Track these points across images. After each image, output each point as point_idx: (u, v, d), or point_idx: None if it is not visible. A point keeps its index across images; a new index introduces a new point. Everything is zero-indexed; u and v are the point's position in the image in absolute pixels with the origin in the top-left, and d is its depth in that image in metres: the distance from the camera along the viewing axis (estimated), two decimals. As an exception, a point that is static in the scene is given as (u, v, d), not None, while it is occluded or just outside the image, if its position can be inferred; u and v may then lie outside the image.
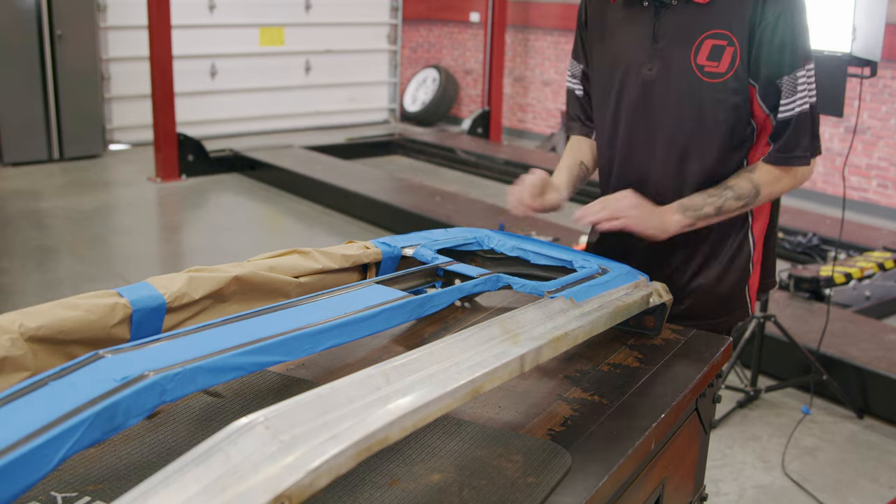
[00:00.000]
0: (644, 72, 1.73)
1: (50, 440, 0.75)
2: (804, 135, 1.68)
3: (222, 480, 0.71)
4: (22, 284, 4.72)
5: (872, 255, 4.94)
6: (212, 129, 8.63)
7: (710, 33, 1.66)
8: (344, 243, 1.55)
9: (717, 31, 1.65)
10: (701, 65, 1.67)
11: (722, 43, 1.65)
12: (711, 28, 1.66)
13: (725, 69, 1.66)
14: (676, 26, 1.69)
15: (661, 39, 1.71)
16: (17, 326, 1.01)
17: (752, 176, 1.70)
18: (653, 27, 1.71)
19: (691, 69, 1.68)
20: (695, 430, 1.50)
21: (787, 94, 1.65)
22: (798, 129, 1.67)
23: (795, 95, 1.65)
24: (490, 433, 1.14)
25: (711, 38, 1.66)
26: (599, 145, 1.89)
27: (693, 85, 1.68)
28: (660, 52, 1.71)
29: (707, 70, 1.67)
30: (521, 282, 1.42)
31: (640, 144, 1.78)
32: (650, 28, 1.71)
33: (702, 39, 1.67)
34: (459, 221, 5.35)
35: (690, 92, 1.69)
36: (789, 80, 1.65)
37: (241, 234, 5.93)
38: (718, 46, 1.66)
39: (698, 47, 1.67)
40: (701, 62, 1.67)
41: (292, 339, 1.03)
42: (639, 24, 1.73)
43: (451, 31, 10.44)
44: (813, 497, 2.88)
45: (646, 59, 1.72)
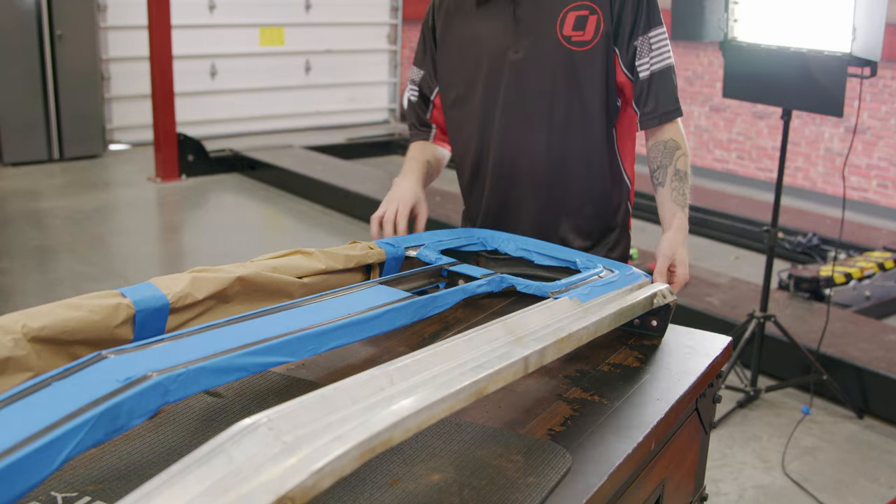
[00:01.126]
0: (511, 55, 1.78)
1: (53, 441, 0.75)
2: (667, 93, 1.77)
3: (225, 482, 0.71)
4: (22, 284, 4.72)
5: (872, 255, 4.95)
6: (212, 129, 8.63)
7: (572, 6, 1.73)
8: (347, 244, 1.55)
9: (578, 3, 1.73)
10: (567, 35, 1.74)
11: (584, 13, 1.73)
12: (572, 1, 1.73)
13: (591, 36, 1.74)
14: (536, 6, 1.76)
15: (522, 22, 1.77)
16: (21, 327, 1.01)
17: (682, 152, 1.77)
18: (513, 13, 1.77)
19: (558, 41, 1.74)
20: (695, 430, 1.50)
21: (643, 54, 1.74)
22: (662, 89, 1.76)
23: (652, 54, 1.75)
24: (490, 433, 1.14)
25: (574, 10, 1.74)
26: (463, 141, 1.92)
27: (563, 57, 1.75)
28: (524, 34, 1.77)
29: (574, 39, 1.74)
30: (525, 282, 1.42)
31: (516, 127, 1.81)
32: (510, 14, 1.77)
33: (565, 12, 1.74)
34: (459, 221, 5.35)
35: (562, 64, 1.75)
36: (644, 40, 1.74)
37: (241, 234, 5.93)
38: (582, 16, 1.73)
39: (563, 20, 1.74)
40: (567, 33, 1.74)
41: (296, 340, 1.03)
42: (496, 14, 1.80)
43: (451, 31, 10.43)
44: (813, 497, 2.89)
45: (511, 42, 1.78)
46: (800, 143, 7.22)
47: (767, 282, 3.55)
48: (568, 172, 1.82)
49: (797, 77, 3.20)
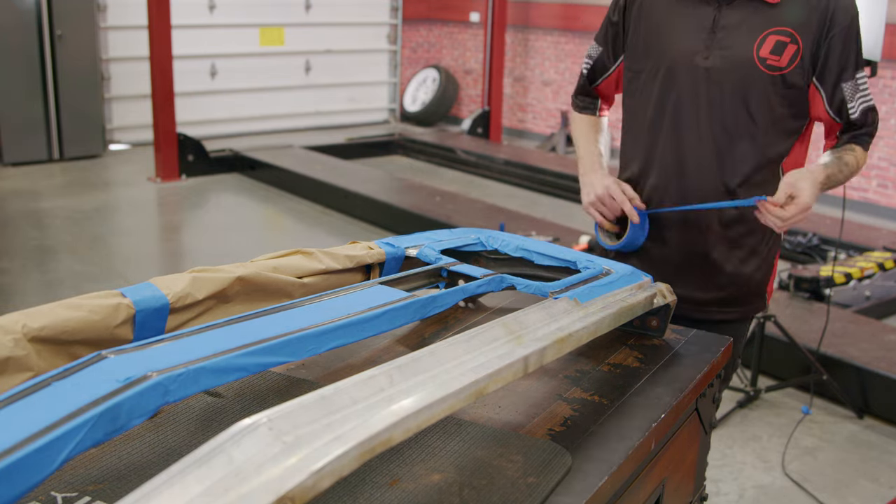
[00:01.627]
0: (699, 60, 1.81)
1: (53, 441, 0.75)
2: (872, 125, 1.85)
3: (225, 482, 0.71)
4: (22, 284, 4.72)
5: (872, 255, 4.95)
6: (212, 129, 8.64)
7: (774, 30, 1.76)
8: (347, 244, 1.55)
9: (781, 29, 1.76)
10: (763, 57, 1.77)
11: (785, 40, 1.76)
12: (776, 25, 1.76)
13: (786, 63, 1.77)
14: (739, 20, 1.79)
15: (721, 31, 1.80)
16: (21, 327, 1.01)
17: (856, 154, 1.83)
18: (713, 20, 1.80)
19: (752, 60, 1.77)
20: (695, 430, 1.50)
21: (851, 96, 1.80)
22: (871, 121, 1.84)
23: (858, 95, 1.81)
24: (490, 433, 1.14)
25: (775, 35, 1.77)
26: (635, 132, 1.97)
27: (752, 75, 1.78)
28: (718, 43, 1.80)
29: (769, 63, 1.77)
30: (525, 282, 1.42)
31: (686, 130, 1.85)
32: (710, 21, 1.81)
33: (766, 35, 1.77)
34: (459, 221, 5.35)
35: (748, 81, 1.78)
36: (852, 84, 1.80)
37: (241, 234, 5.93)
38: (782, 42, 1.77)
39: (762, 41, 1.77)
40: (763, 55, 1.77)
41: (296, 340, 1.03)
42: (696, 16, 1.82)
43: (451, 31, 10.44)
44: (813, 497, 2.89)
45: (701, 48, 1.81)
46: (800, 143, 7.22)
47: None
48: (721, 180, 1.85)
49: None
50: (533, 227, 5.31)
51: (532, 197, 7.04)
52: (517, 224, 5.32)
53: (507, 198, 6.90)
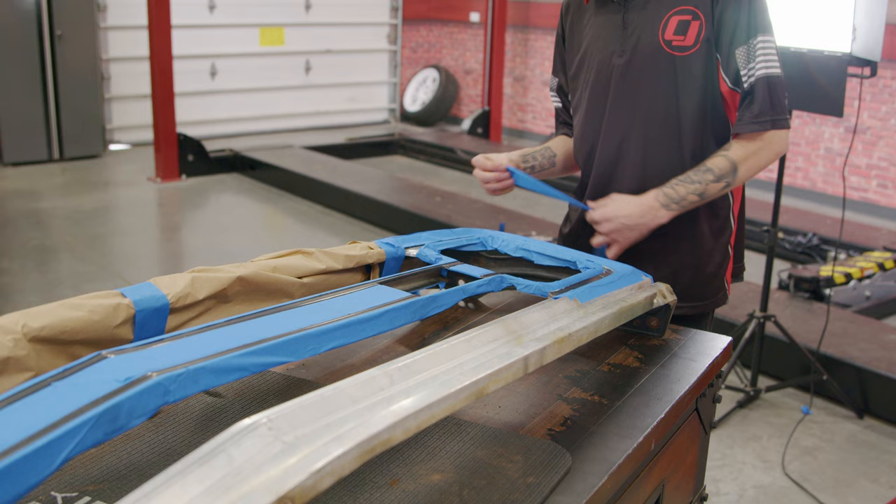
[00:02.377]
0: (615, 59, 1.80)
1: (53, 441, 0.75)
2: (767, 101, 1.70)
3: (225, 481, 0.71)
4: (22, 284, 4.72)
5: (872, 255, 4.95)
6: (212, 129, 8.64)
7: (675, 10, 1.73)
8: (347, 244, 1.55)
9: (681, 8, 1.72)
10: (668, 40, 1.74)
11: (687, 18, 1.72)
12: (676, 5, 1.73)
13: (692, 41, 1.72)
14: (644, 11, 1.77)
15: (629, 26, 1.79)
16: (21, 327, 1.02)
17: (727, 154, 1.72)
18: (622, 18, 1.79)
19: (659, 45, 1.74)
20: (695, 430, 1.50)
21: (744, 63, 1.70)
22: (761, 95, 1.69)
23: (754, 62, 1.69)
24: (490, 433, 1.14)
25: (677, 15, 1.73)
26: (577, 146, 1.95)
27: (662, 61, 1.75)
28: (629, 38, 1.78)
29: (675, 44, 1.73)
30: (525, 282, 1.42)
31: (616, 130, 1.83)
32: (620, 19, 1.79)
33: (668, 17, 1.74)
34: (459, 221, 5.35)
35: (661, 68, 1.75)
36: (744, 49, 1.69)
37: (241, 234, 5.93)
38: (684, 21, 1.72)
39: (665, 24, 1.74)
40: (668, 37, 1.74)
41: (296, 340, 1.03)
42: (609, 18, 1.82)
43: (451, 31, 10.44)
44: (813, 497, 2.89)
45: (617, 47, 1.80)
46: (800, 143, 7.22)
47: (767, 282, 3.55)
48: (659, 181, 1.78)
49: (797, 77, 3.20)
50: (533, 227, 5.31)
51: (532, 197, 7.04)
52: (517, 224, 5.33)
53: (507, 198, 6.90)
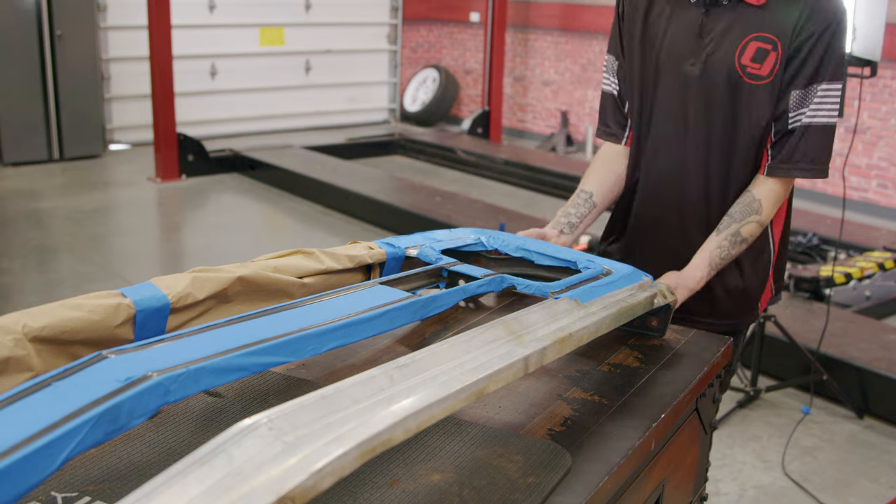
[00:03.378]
0: (686, 67, 1.72)
1: (53, 441, 0.75)
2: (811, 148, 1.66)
3: (225, 482, 0.71)
4: (22, 284, 4.72)
5: (872, 255, 4.95)
6: (212, 129, 8.63)
7: (756, 35, 1.65)
8: (348, 244, 1.55)
9: (763, 35, 1.65)
10: (744, 65, 1.67)
11: (767, 47, 1.65)
12: (759, 30, 1.65)
13: (767, 73, 1.66)
14: (724, 25, 1.68)
15: (706, 36, 1.70)
16: (21, 327, 1.02)
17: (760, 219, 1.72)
18: (700, 24, 1.70)
19: (734, 67, 1.67)
20: (695, 430, 1.50)
21: (795, 106, 1.65)
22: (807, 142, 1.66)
23: (805, 108, 1.65)
24: (490, 433, 1.14)
25: (757, 41, 1.65)
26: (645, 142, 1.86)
27: (734, 83, 1.68)
28: (704, 49, 1.70)
29: (749, 71, 1.66)
30: (526, 282, 1.42)
31: (669, 141, 1.78)
32: (697, 25, 1.71)
33: (748, 40, 1.66)
34: (460, 221, 5.35)
35: (730, 90, 1.69)
36: (801, 93, 1.65)
37: (241, 234, 5.93)
38: (763, 50, 1.65)
39: (744, 47, 1.67)
40: (745, 62, 1.67)
41: (296, 340, 1.03)
42: (685, 19, 1.72)
43: (451, 31, 10.44)
44: (813, 497, 2.89)
45: (689, 54, 1.72)
46: (800, 143, 7.22)
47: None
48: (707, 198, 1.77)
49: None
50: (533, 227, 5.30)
51: (532, 197, 7.05)
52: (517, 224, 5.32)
53: (507, 198, 6.91)
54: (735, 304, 1.85)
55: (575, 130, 9.08)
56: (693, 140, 1.76)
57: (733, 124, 1.71)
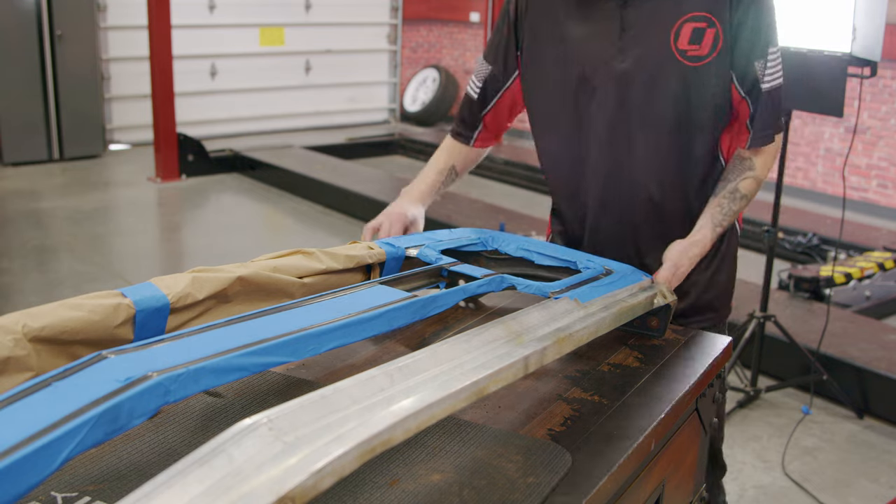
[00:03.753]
0: (616, 65, 1.64)
1: (53, 441, 0.75)
2: (775, 112, 1.68)
3: (225, 482, 0.71)
4: (22, 284, 4.72)
5: (872, 255, 4.95)
6: (212, 129, 8.63)
7: (688, 16, 1.60)
8: (348, 243, 1.55)
9: (696, 14, 1.60)
10: (682, 49, 1.61)
11: (702, 25, 1.60)
12: (690, 11, 1.60)
13: (708, 51, 1.61)
14: (649, 15, 1.62)
15: (631, 28, 1.63)
16: (21, 327, 1.01)
17: (755, 175, 1.68)
18: (620, 19, 1.63)
19: (672, 55, 1.61)
20: (695, 430, 1.50)
21: (762, 75, 1.64)
22: (771, 107, 1.66)
23: (766, 74, 1.64)
24: (490, 433, 1.14)
25: (691, 22, 1.60)
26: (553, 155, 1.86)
27: (676, 71, 1.62)
28: (632, 43, 1.63)
29: (690, 54, 1.61)
30: (525, 282, 1.42)
31: (617, 141, 1.70)
32: (617, 21, 1.64)
33: (681, 23, 1.61)
34: (459, 221, 5.35)
35: (674, 79, 1.63)
36: (762, 61, 1.63)
37: (241, 234, 5.93)
38: (699, 29, 1.60)
39: (678, 32, 1.61)
40: (682, 46, 1.61)
41: (296, 340, 1.03)
42: (600, 18, 1.65)
43: (451, 31, 10.44)
44: (813, 497, 2.89)
45: (615, 52, 1.64)
46: (800, 143, 7.22)
47: (767, 282, 3.55)
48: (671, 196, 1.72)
49: (797, 77, 3.20)
50: (533, 227, 5.31)
51: (532, 197, 7.04)
52: (517, 224, 5.32)
53: (507, 198, 6.91)
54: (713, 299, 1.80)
55: (575, 130, 9.09)
56: (644, 135, 1.68)
57: (683, 114, 1.65)
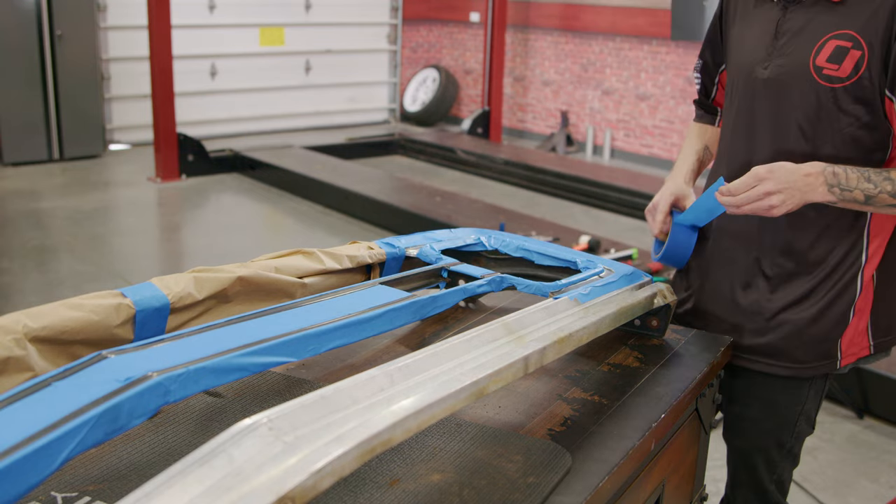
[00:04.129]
0: (758, 70, 1.59)
1: (53, 441, 0.75)
2: None
3: (226, 482, 0.71)
4: (22, 284, 4.72)
5: (872, 255, 4.94)
6: (212, 129, 8.63)
7: (835, 34, 1.49)
8: (348, 244, 1.55)
9: (843, 32, 1.48)
10: (819, 66, 1.51)
11: (847, 45, 1.48)
12: (838, 28, 1.49)
13: (848, 74, 1.48)
14: (802, 24, 1.54)
15: (782, 37, 1.57)
16: (21, 327, 1.02)
17: None
18: (776, 24, 1.57)
19: (807, 70, 1.52)
20: (695, 430, 1.50)
21: None
22: None
23: None
24: (490, 433, 1.14)
25: (836, 39, 1.49)
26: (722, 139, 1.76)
27: (806, 88, 1.52)
28: (779, 51, 1.57)
29: (825, 73, 1.50)
30: (526, 282, 1.43)
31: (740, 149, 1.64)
32: (773, 24, 1.58)
33: (826, 39, 1.50)
34: (460, 221, 5.35)
35: (804, 96, 1.53)
36: None
37: (241, 235, 5.93)
38: (842, 48, 1.49)
39: (821, 47, 1.51)
40: (820, 63, 1.51)
41: (296, 340, 1.03)
42: (764, 20, 1.60)
43: (451, 31, 10.44)
44: (813, 497, 2.89)
45: (763, 56, 1.59)
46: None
47: (767, 282, 3.55)
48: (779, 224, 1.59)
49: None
50: (533, 227, 5.31)
51: (532, 197, 7.04)
52: (517, 224, 5.32)
53: (507, 198, 6.91)
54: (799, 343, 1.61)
55: (575, 130, 9.08)
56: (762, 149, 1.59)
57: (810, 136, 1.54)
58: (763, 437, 1.68)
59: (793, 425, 1.67)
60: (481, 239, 1.69)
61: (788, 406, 1.66)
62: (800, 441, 1.70)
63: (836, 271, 1.59)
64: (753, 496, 1.73)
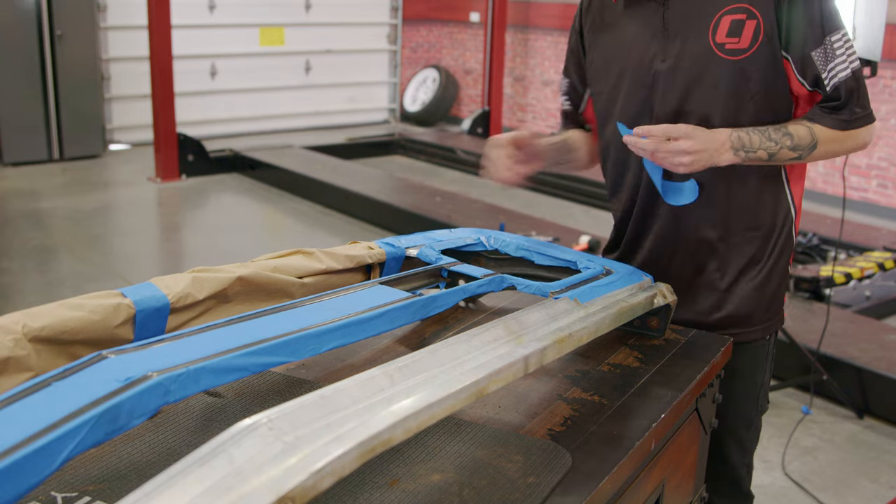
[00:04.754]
0: (657, 64, 1.62)
1: (53, 441, 0.75)
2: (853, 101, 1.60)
3: (226, 482, 0.72)
4: (22, 284, 4.72)
5: (872, 255, 4.94)
6: (212, 129, 8.64)
7: (727, 9, 1.56)
8: (348, 244, 1.55)
9: (734, 6, 1.56)
10: (720, 42, 1.57)
11: (741, 17, 1.55)
12: (728, 4, 1.56)
13: (748, 44, 1.56)
14: (689, 11, 1.60)
15: (671, 26, 1.61)
16: (21, 327, 1.02)
17: (811, 127, 1.59)
18: (662, 15, 1.61)
19: (710, 49, 1.57)
20: (695, 430, 1.50)
21: (823, 65, 1.56)
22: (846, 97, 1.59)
23: (833, 63, 1.56)
24: (490, 433, 1.14)
25: (729, 14, 1.56)
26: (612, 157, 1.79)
27: (714, 66, 1.58)
28: (672, 39, 1.61)
29: (728, 47, 1.56)
30: (525, 282, 1.43)
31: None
32: (659, 16, 1.62)
33: (719, 17, 1.57)
34: (459, 221, 5.35)
35: (713, 73, 1.58)
36: (821, 50, 1.55)
37: (241, 235, 5.93)
38: (738, 21, 1.56)
39: (716, 26, 1.57)
40: (720, 40, 1.57)
41: (296, 340, 1.03)
42: (644, 18, 1.64)
43: (451, 31, 10.44)
44: (813, 497, 2.89)
45: (658, 51, 1.63)
46: (800, 143, 7.22)
47: (767, 282, 3.55)
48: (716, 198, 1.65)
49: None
50: (533, 227, 5.31)
51: (532, 197, 7.04)
52: (517, 224, 5.32)
53: (507, 198, 6.90)
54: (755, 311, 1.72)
55: (575, 130, 9.08)
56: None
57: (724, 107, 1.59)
58: (732, 417, 1.74)
59: (755, 399, 1.77)
60: (481, 239, 1.69)
61: (750, 377, 1.75)
62: (760, 418, 1.80)
63: (774, 231, 1.71)
64: (729, 488, 1.80)
